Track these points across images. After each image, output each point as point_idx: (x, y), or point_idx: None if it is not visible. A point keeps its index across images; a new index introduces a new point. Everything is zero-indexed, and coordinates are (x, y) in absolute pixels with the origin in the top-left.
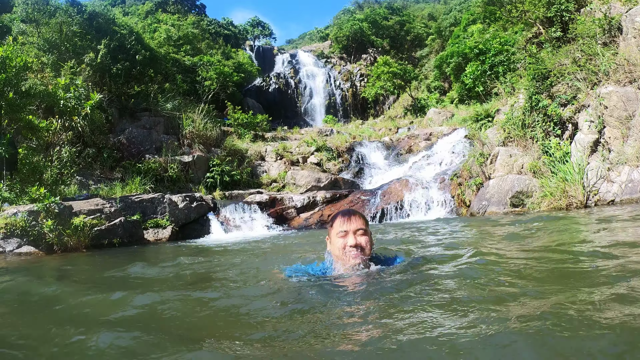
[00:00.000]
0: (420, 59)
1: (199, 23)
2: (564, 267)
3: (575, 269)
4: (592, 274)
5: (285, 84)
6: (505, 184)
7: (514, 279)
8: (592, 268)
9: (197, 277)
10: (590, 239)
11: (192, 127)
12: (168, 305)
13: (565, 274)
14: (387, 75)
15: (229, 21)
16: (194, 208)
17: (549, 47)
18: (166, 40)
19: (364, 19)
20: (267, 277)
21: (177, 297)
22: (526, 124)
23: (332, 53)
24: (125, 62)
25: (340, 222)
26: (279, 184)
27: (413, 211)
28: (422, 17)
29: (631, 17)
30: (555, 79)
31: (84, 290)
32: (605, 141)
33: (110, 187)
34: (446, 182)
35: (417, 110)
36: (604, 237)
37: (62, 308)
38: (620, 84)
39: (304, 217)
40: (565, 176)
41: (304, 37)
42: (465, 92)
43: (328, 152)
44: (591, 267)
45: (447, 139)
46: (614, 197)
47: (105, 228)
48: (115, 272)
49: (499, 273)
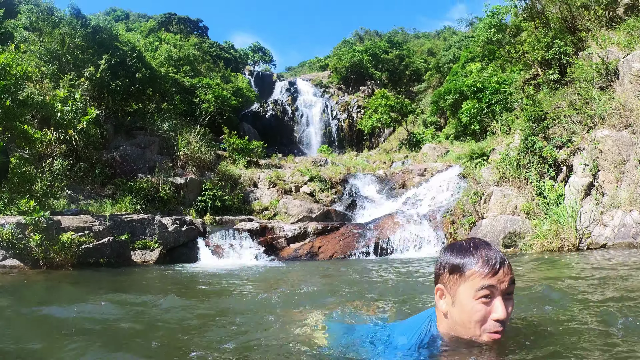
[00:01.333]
0: (418, 94)
1: (200, 45)
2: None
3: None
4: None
5: (282, 111)
6: (498, 224)
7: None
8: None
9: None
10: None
11: (186, 149)
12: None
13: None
14: (385, 108)
15: (230, 45)
16: (183, 232)
17: (547, 89)
18: (167, 59)
19: (364, 50)
20: (297, 339)
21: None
22: (521, 164)
23: (330, 83)
24: (125, 79)
25: (485, 271)
26: (271, 212)
27: (404, 247)
28: (422, 52)
29: (628, 62)
30: (552, 121)
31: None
32: (600, 185)
33: (100, 203)
34: (438, 219)
35: (413, 145)
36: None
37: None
38: (616, 128)
39: (294, 247)
40: (559, 219)
41: (304, 65)
42: (461, 129)
43: (321, 183)
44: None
45: (441, 176)
46: (606, 241)
47: (93, 246)
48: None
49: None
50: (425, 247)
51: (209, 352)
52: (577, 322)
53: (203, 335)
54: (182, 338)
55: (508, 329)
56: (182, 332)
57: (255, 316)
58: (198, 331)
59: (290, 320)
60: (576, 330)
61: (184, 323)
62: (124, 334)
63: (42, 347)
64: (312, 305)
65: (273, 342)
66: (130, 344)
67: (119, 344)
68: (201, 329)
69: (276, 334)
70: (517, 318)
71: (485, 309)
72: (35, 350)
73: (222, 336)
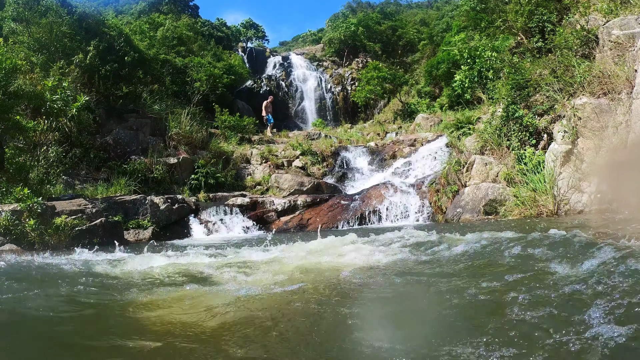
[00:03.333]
0: (412, 64)
1: (192, 25)
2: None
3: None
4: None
5: (276, 86)
6: (479, 191)
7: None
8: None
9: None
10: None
11: (178, 129)
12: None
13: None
14: (377, 80)
15: (222, 22)
16: (175, 210)
17: (530, 57)
18: (162, 40)
19: (357, 23)
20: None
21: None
22: (503, 133)
23: (324, 56)
24: (114, 63)
25: None
26: (263, 187)
27: (390, 216)
28: (415, 23)
29: (608, 29)
30: (533, 90)
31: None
32: (579, 152)
33: (95, 187)
34: (424, 188)
35: (407, 115)
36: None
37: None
38: (595, 95)
39: (284, 220)
40: (536, 185)
41: (298, 39)
42: (455, 99)
43: (313, 156)
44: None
45: (430, 146)
46: (583, 207)
47: (86, 228)
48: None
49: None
50: (412, 216)
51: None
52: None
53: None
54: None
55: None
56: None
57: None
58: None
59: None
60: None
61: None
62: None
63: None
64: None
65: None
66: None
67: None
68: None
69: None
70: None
71: None
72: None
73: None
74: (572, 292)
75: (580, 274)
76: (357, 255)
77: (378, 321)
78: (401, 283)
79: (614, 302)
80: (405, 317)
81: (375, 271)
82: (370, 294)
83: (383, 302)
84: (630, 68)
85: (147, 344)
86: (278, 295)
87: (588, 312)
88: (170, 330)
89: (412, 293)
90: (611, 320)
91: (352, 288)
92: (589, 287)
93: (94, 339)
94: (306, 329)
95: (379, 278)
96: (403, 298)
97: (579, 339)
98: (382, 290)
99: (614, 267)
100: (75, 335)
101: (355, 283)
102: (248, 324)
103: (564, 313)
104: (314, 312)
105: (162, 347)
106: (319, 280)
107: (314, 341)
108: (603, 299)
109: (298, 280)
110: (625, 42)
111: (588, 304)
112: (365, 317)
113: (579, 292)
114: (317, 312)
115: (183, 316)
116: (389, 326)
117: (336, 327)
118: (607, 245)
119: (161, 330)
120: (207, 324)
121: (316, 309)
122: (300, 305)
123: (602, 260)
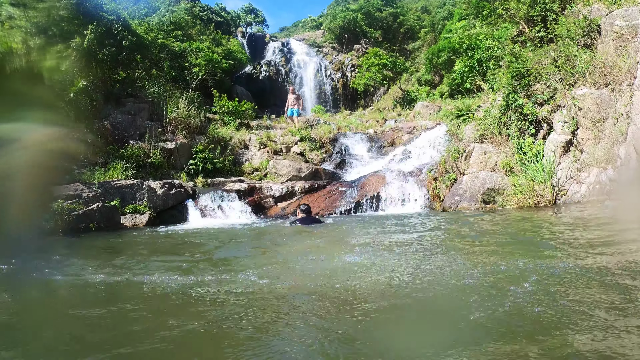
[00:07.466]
0: (413, 52)
1: (191, 9)
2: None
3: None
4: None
5: (276, 72)
6: (477, 180)
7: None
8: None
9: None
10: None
11: (176, 114)
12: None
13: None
14: (377, 67)
15: (222, 7)
16: (172, 195)
17: (531, 46)
18: (159, 24)
19: (358, 9)
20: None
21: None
22: (502, 122)
23: (324, 42)
24: (111, 47)
25: None
26: (261, 173)
27: (388, 204)
28: (416, 10)
29: (610, 19)
30: (534, 79)
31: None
32: (578, 142)
33: (92, 172)
34: (422, 176)
35: (407, 103)
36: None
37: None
38: (596, 86)
39: (281, 206)
40: (535, 175)
41: (298, 25)
42: (455, 87)
43: (311, 143)
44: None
45: (429, 134)
46: (581, 198)
47: (83, 213)
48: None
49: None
50: (409, 204)
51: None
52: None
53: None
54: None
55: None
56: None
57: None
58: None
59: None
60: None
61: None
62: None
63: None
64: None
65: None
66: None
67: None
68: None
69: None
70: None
71: None
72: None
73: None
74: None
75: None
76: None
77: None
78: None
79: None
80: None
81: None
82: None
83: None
84: (633, 59)
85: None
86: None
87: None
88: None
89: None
90: None
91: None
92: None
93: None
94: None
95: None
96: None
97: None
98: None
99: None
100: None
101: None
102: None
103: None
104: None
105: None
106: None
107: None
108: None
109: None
110: (628, 33)
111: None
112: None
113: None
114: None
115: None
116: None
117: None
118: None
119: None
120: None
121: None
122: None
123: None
